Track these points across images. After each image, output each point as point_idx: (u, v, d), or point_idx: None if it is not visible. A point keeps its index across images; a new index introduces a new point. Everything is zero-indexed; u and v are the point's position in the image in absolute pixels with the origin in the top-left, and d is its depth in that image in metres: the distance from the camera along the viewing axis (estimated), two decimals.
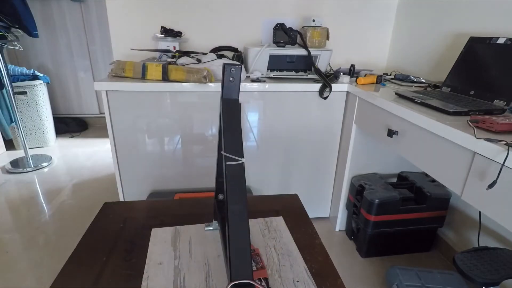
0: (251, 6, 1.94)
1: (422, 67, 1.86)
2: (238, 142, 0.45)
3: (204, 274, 0.55)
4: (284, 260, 0.60)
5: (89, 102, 3.54)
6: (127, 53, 1.82)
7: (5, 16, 2.09)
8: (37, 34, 2.31)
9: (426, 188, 1.58)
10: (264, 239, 0.65)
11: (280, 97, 1.61)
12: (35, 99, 2.86)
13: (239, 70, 0.47)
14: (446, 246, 1.67)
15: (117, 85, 1.43)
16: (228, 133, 0.45)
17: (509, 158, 0.76)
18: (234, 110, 0.48)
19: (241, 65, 0.48)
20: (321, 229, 1.91)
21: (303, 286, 0.54)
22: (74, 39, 3.28)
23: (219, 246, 0.59)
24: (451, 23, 1.64)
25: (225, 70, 0.47)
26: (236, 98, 0.49)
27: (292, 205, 0.80)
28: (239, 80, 0.48)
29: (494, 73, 1.22)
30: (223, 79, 0.47)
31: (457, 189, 0.97)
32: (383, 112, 1.33)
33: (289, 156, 1.75)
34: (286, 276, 0.56)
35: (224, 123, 0.46)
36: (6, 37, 2.21)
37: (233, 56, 1.84)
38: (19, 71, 2.80)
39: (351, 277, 1.54)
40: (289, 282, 0.55)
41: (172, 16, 1.89)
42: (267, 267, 0.57)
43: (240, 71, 0.48)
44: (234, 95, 0.48)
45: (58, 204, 2.07)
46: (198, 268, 0.56)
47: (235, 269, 0.40)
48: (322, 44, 1.75)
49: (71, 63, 3.37)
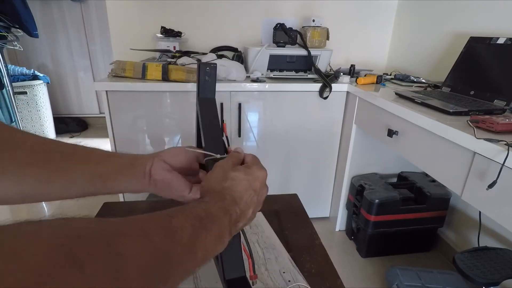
0: (251, 6, 1.94)
1: (422, 67, 1.86)
2: (218, 140, 0.45)
3: (191, 275, 0.55)
4: (268, 254, 0.61)
5: (89, 102, 3.54)
6: (127, 53, 1.81)
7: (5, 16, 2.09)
8: (37, 34, 2.31)
9: (426, 188, 1.58)
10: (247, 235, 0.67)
11: (280, 97, 1.61)
12: (35, 99, 2.86)
13: (214, 69, 0.48)
14: (446, 246, 1.67)
15: (117, 85, 1.43)
16: (207, 131, 0.45)
17: (509, 158, 0.76)
18: (212, 109, 0.48)
19: (216, 64, 0.48)
20: (321, 229, 1.91)
21: (290, 276, 0.56)
22: (74, 39, 3.28)
23: None
24: (451, 23, 1.64)
25: (200, 70, 0.47)
26: (212, 97, 0.49)
27: (292, 205, 0.80)
28: (215, 79, 0.49)
29: (494, 73, 1.22)
30: (199, 79, 0.48)
31: (457, 189, 0.97)
32: (383, 112, 1.33)
33: (289, 156, 1.75)
34: (273, 268, 0.58)
35: (203, 122, 0.46)
36: (6, 37, 2.21)
37: (233, 56, 1.83)
38: (19, 71, 2.80)
39: (351, 277, 1.54)
40: (276, 274, 0.56)
41: (172, 16, 1.89)
42: None
43: (215, 70, 0.48)
44: (210, 94, 0.49)
45: (58, 204, 2.07)
46: None
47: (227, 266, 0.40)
48: (322, 44, 1.75)
49: (71, 63, 3.36)
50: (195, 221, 0.29)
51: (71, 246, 0.18)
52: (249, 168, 0.40)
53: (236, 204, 0.36)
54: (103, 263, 0.19)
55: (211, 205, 0.33)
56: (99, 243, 0.20)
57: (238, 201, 0.36)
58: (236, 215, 0.35)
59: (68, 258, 0.17)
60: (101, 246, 0.20)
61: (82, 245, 0.19)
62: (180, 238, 0.27)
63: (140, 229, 0.24)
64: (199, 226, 0.29)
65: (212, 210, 0.33)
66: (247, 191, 0.38)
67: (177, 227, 0.27)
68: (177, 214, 0.29)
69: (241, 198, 0.37)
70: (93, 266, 0.18)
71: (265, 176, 0.40)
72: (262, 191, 0.40)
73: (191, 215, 0.30)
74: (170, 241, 0.26)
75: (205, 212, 0.32)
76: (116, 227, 0.23)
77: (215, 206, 0.33)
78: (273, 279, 0.55)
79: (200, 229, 0.29)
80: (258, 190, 0.39)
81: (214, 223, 0.32)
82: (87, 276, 0.17)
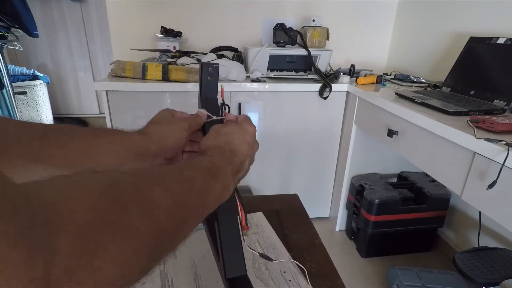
0: (251, 6, 1.93)
1: (422, 67, 1.86)
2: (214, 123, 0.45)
3: (192, 275, 0.55)
4: (269, 253, 0.61)
5: (89, 102, 3.53)
6: (127, 53, 1.81)
7: (5, 16, 2.09)
8: (37, 34, 2.31)
9: (426, 188, 1.58)
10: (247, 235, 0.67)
11: (280, 97, 1.61)
12: (35, 99, 2.86)
13: (216, 70, 0.48)
14: (446, 246, 1.67)
15: (117, 85, 1.43)
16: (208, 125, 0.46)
17: (509, 158, 0.76)
18: (214, 109, 0.48)
19: (218, 64, 0.48)
20: (321, 229, 1.91)
21: (290, 276, 0.56)
22: (74, 39, 3.28)
23: (203, 247, 0.59)
24: (451, 23, 1.64)
25: (203, 70, 0.47)
26: (214, 97, 0.49)
27: (292, 205, 0.80)
28: (217, 79, 0.49)
29: (494, 73, 1.22)
30: (201, 79, 0.48)
31: (457, 189, 0.97)
32: (383, 112, 1.33)
33: (289, 156, 1.75)
34: (273, 268, 0.58)
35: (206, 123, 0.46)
36: (6, 37, 2.21)
37: (233, 56, 1.83)
38: (19, 71, 2.80)
39: (351, 277, 1.54)
40: (276, 274, 0.56)
41: (172, 16, 1.88)
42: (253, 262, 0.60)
43: (217, 70, 0.48)
44: (213, 94, 0.49)
45: None
46: (185, 270, 0.56)
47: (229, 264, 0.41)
48: (322, 44, 1.75)
49: (71, 63, 3.36)
50: (203, 172, 0.33)
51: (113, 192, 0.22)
52: (240, 123, 0.43)
53: (235, 156, 0.39)
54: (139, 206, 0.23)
55: (215, 158, 0.36)
56: (133, 190, 0.23)
57: (236, 153, 0.39)
58: (236, 166, 0.39)
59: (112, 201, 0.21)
60: (135, 192, 0.23)
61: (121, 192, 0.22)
62: (193, 187, 0.30)
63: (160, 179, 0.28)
64: (208, 176, 0.33)
65: (217, 162, 0.36)
66: (242, 144, 0.40)
67: (189, 176, 0.31)
68: (187, 167, 0.33)
69: (238, 150, 0.40)
70: (132, 207, 0.22)
71: (255, 131, 0.44)
72: (254, 145, 0.43)
73: (199, 167, 0.33)
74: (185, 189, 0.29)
75: (211, 163, 0.35)
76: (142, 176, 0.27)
77: (219, 158, 0.37)
78: (274, 279, 0.55)
79: (209, 178, 0.33)
80: (250, 143, 0.42)
81: (220, 173, 0.35)
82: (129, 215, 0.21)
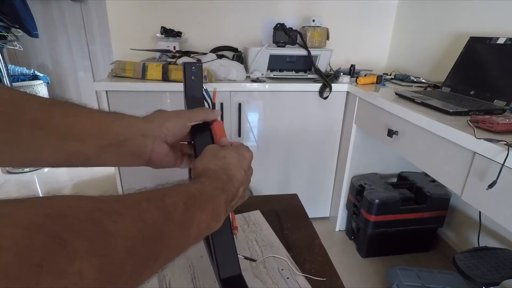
0: (251, 6, 1.93)
1: (422, 67, 1.86)
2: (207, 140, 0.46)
3: (190, 275, 0.55)
4: (266, 252, 0.61)
5: (89, 102, 3.48)
6: (127, 53, 1.81)
7: (5, 16, 2.09)
8: (37, 34, 2.31)
9: (426, 188, 1.58)
10: (245, 233, 0.67)
11: (280, 97, 1.61)
12: None
13: (199, 69, 0.49)
14: (446, 246, 1.67)
15: (117, 85, 1.43)
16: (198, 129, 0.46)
17: (509, 158, 0.76)
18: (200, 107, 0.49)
19: (201, 63, 0.48)
20: (321, 229, 1.91)
21: (288, 273, 0.56)
22: (74, 39, 3.28)
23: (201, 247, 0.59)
24: (451, 23, 1.64)
25: (186, 69, 0.48)
26: (200, 96, 0.49)
27: (292, 205, 0.80)
28: (201, 78, 0.50)
29: (494, 73, 1.22)
30: (185, 78, 0.49)
31: (457, 189, 0.97)
32: (383, 112, 1.33)
33: (289, 156, 1.75)
34: (271, 266, 0.58)
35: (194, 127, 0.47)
36: (6, 37, 2.21)
37: (233, 56, 1.83)
38: (19, 71, 2.80)
39: (351, 277, 1.54)
40: (274, 272, 0.57)
41: (172, 16, 1.88)
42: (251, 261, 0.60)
43: (201, 69, 0.49)
44: (198, 93, 0.49)
45: None
46: (182, 271, 0.56)
47: (222, 265, 0.41)
48: (322, 44, 1.75)
49: (71, 63, 3.36)
50: (188, 200, 0.30)
51: (51, 225, 0.17)
52: (237, 148, 0.42)
53: (231, 182, 0.37)
54: (88, 241, 0.18)
55: (206, 185, 0.34)
56: (84, 221, 0.19)
57: (233, 180, 0.37)
58: (231, 194, 0.36)
59: (47, 236, 0.16)
60: (86, 224, 0.19)
61: (64, 224, 0.18)
62: (172, 216, 0.27)
63: (132, 208, 0.24)
64: (192, 204, 0.30)
65: (207, 190, 0.33)
66: (239, 169, 0.39)
67: (170, 204, 0.27)
68: (170, 193, 0.29)
69: (235, 176, 0.38)
70: (77, 244, 0.17)
71: (252, 157, 0.43)
72: (249, 171, 0.42)
73: (184, 194, 0.30)
74: (162, 219, 0.26)
75: (199, 191, 0.32)
76: (107, 205, 0.22)
77: (210, 186, 0.34)
78: (272, 277, 0.55)
79: (194, 207, 0.30)
80: (246, 170, 0.41)
81: (208, 202, 0.32)
82: (70, 253, 0.17)
